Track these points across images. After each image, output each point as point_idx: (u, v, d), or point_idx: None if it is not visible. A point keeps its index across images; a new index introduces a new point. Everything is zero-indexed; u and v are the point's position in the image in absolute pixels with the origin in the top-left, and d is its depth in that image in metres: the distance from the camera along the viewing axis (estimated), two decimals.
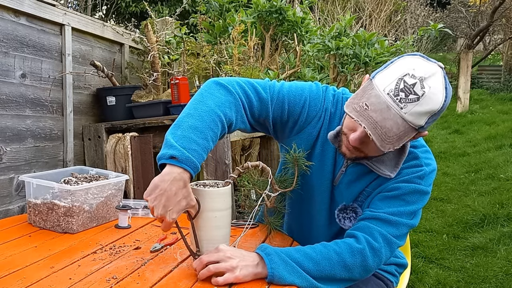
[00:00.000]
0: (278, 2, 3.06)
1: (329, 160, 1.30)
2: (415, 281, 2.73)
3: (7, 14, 1.99)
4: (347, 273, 1.13)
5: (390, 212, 1.18)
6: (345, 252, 1.13)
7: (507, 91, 10.54)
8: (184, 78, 2.37)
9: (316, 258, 1.11)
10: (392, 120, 1.05)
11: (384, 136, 1.06)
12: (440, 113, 1.09)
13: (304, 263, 1.10)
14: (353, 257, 1.13)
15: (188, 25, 3.21)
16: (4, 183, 2.00)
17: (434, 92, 1.05)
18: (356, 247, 1.14)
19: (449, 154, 6.20)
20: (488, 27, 10.42)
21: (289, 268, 1.07)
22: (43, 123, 2.22)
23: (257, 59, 3.10)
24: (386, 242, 1.16)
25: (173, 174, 1.02)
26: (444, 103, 1.06)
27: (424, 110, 1.05)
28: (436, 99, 1.05)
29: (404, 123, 1.06)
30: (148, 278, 1.09)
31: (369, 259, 1.14)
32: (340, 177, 1.30)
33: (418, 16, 11.80)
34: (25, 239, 1.39)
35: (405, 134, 1.08)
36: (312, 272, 1.09)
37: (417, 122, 1.06)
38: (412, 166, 1.23)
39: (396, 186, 1.21)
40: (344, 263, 1.12)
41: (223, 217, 1.15)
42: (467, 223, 3.71)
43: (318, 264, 1.10)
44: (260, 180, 1.26)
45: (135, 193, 2.34)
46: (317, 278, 1.10)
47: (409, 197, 1.20)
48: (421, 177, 1.21)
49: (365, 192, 1.28)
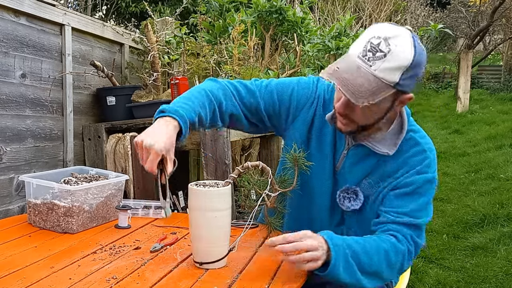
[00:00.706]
0: (278, 2, 3.06)
1: (327, 146, 1.34)
2: (415, 281, 2.73)
3: (7, 14, 1.99)
4: (389, 272, 1.21)
5: (412, 210, 1.24)
6: (391, 250, 1.20)
7: (507, 91, 10.53)
8: (184, 78, 2.37)
9: (370, 251, 1.18)
10: (363, 78, 1.11)
11: (356, 92, 1.11)
12: (415, 70, 1.13)
13: (360, 255, 1.16)
14: (396, 256, 1.20)
15: (188, 25, 3.20)
16: (4, 183, 2.00)
17: (400, 50, 1.10)
18: (400, 248, 1.21)
19: (449, 154, 6.19)
20: (488, 27, 10.42)
21: (347, 266, 1.14)
22: (43, 123, 2.22)
23: (257, 59, 3.10)
24: (417, 246, 1.25)
25: (161, 121, 1.17)
26: (414, 58, 1.11)
27: (393, 66, 1.10)
28: (403, 56, 1.10)
29: (376, 79, 1.11)
30: (148, 278, 1.09)
31: (405, 261, 1.22)
32: (343, 161, 1.33)
33: (418, 16, 11.81)
34: (25, 239, 1.39)
35: (380, 90, 1.12)
36: (364, 266, 1.16)
37: (389, 78, 1.11)
38: (417, 154, 1.28)
39: (409, 182, 1.26)
40: (389, 261, 1.19)
41: (223, 217, 1.16)
42: (467, 223, 3.71)
43: (371, 258, 1.17)
44: (260, 180, 1.26)
45: (135, 193, 2.34)
46: (366, 272, 1.16)
47: (422, 188, 1.26)
48: (429, 165, 1.27)
49: (370, 179, 1.30)
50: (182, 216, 1.72)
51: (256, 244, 1.36)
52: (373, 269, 1.17)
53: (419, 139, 1.30)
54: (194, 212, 1.15)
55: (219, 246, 1.16)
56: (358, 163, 1.31)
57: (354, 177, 1.32)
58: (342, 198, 1.32)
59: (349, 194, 1.32)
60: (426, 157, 1.28)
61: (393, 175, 1.28)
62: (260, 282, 1.08)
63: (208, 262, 1.15)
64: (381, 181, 1.29)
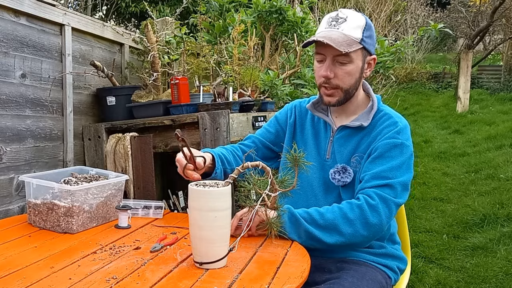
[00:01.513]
0: (278, 2, 3.06)
1: (310, 140, 1.57)
2: (415, 281, 2.73)
3: (7, 14, 1.99)
4: (349, 226, 1.33)
5: (379, 171, 1.38)
6: (346, 207, 1.35)
7: (507, 91, 10.53)
8: (184, 78, 2.37)
9: (321, 210, 1.36)
10: (336, 35, 1.39)
11: (336, 42, 1.36)
12: (370, 29, 1.43)
13: (312, 213, 1.34)
14: (352, 211, 1.33)
15: (188, 25, 3.20)
16: (4, 183, 2.00)
17: (354, 14, 1.44)
18: (355, 203, 1.35)
19: (449, 154, 6.20)
20: (488, 27, 10.42)
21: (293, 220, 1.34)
22: (43, 123, 2.22)
23: (257, 59, 3.10)
24: (382, 200, 1.35)
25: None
26: (367, 20, 1.43)
27: (354, 25, 1.41)
28: (358, 18, 1.43)
29: (346, 36, 1.39)
30: (148, 278, 1.09)
31: (368, 214, 1.33)
32: (331, 148, 1.51)
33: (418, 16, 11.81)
34: (25, 239, 1.39)
35: (352, 43, 1.39)
36: (318, 221, 1.33)
37: (354, 34, 1.40)
38: (389, 125, 1.45)
39: (377, 146, 1.42)
40: (345, 216, 1.33)
41: (223, 217, 1.15)
42: (467, 223, 3.71)
43: (323, 214, 1.34)
44: (260, 180, 1.27)
45: (135, 193, 2.34)
46: (319, 225, 1.33)
47: (390, 152, 1.40)
48: (398, 132, 1.43)
49: (356, 156, 1.47)
50: (182, 216, 1.72)
51: (256, 244, 1.36)
52: (326, 223, 1.33)
53: (391, 114, 1.48)
54: (194, 212, 1.15)
55: (219, 246, 1.16)
56: (344, 144, 1.49)
57: (342, 157, 1.49)
58: (333, 173, 1.48)
59: (339, 169, 1.47)
60: (396, 126, 1.44)
61: (370, 145, 1.44)
62: (260, 282, 1.08)
63: (208, 262, 1.15)
64: (364, 154, 1.45)
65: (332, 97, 1.47)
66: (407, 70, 11.77)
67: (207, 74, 2.73)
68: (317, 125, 1.58)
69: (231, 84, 2.54)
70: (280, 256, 1.27)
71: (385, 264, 1.45)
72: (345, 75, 1.43)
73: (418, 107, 9.72)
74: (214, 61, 2.69)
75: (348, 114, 1.53)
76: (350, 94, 1.47)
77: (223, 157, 1.51)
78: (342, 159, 1.48)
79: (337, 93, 1.46)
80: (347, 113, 1.53)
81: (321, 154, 1.54)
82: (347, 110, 1.53)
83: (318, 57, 1.45)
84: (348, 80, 1.44)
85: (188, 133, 2.31)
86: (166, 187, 2.69)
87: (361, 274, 1.33)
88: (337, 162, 1.49)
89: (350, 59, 1.40)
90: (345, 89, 1.45)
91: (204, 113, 2.24)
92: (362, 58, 1.44)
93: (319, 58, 1.44)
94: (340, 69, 1.42)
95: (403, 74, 11.37)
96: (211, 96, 2.51)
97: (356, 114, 1.52)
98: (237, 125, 2.30)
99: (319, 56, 1.44)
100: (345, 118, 1.53)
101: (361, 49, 1.42)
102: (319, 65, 1.46)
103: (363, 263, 1.42)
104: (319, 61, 1.45)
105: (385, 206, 1.34)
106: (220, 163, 1.48)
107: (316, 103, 1.57)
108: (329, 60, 1.42)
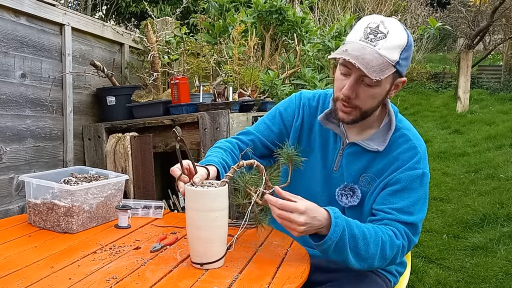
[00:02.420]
0: (278, 2, 3.06)
1: (317, 148, 1.44)
2: (415, 281, 2.72)
3: (7, 14, 1.99)
4: (380, 262, 1.24)
5: (403, 206, 1.28)
6: (388, 242, 1.23)
7: (507, 91, 10.53)
8: (184, 78, 2.37)
9: (369, 239, 1.21)
10: (371, 55, 1.20)
11: (369, 66, 1.19)
12: (409, 50, 1.25)
13: (359, 240, 1.20)
14: (391, 249, 1.24)
15: (188, 25, 3.20)
16: (4, 183, 2.00)
17: (397, 30, 1.23)
18: (395, 242, 1.24)
19: (449, 154, 6.19)
20: (488, 27, 10.41)
21: (339, 246, 1.18)
22: (43, 123, 2.22)
23: (257, 59, 3.10)
24: (408, 241, 1.28)
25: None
26: (409, 39, 1.24)
27: (394, 45, 1.22)
28: (400, 35, 1.23)
29: (381, 57, 1.21)
30: (148, 278, 1.09)
31: (398, 255, 1.26)
32: (340, 161, 1.39)
33: (418, 16, 11.82)
34: (25, 239, 1.39)
35: (385, 67, 1.21)
36: (360, 251, 1.20)
37: (391, 56, 1.22)
38: (407, 151, 1.33)
39: (399, 178, 1.30)
40: (383, 252, 1.23)
41: (222, 216, 1.16)
42: (467, 223, 3.71)
43: (368, 245, 1.21)
44: (252, 178, 1.26)
45: (135, 193, 2.34)
46: (359, 255, 1.21)
47: (412, 185, 1.30)
48: (419, 161, 1.31)
49: (366, 176, 1.36)
50: (182, 216, 1.72)
51: (256, 244, 1.36)
52: (367, 256, 1.22)
53: (409, 136, 1.36)
54: (192, 213, 1.15)
55: (218, 246, 1.16)
56: (354, 161, 1.37)
57: (351, 175, 1.37)
58: (340, 195, 1.38)
59: (346, 191, 1.37)
60: (416, 153, 1.32)
61: (386, 170, 1.33)
62: (260, 282, 1.08)
63: (209, 262, 1.15)
64: (376, 177, 1.34)
65: (348, 115, 1.31)
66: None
67: (207, 74, 2.73)
68: (326, 133, 1.43)
69: (231, 84, 2.54)
70: (280, 256, 1.27)
71: (384, 268, 1.45)
72: (368, 98, 1.27)
73: (418, 107, 9.72)
74: (214, 61, 2.69)
75: (362, 127, 1.38)
76: (367, 115, 1.33)
77: (226, 165, 1.40)
78: (350, 176, 1.37)
79: (355, 112, 1.30)
80: (361, 127, 1.38)
81: (328, 165, 1.42)
82: (361, 124, 1.37)
83: (343, 70, 1.27)
84: (371, 103, 1.29)
85: (188, 133, 2.31)
86: (166, 187, 2.69)
87: (362, 276, 1.33)
88: (345, 178, 1.38)
89: (378, 82, 1.23)
90: (364, 110, 1.30)
91: (204, 113, 2.24)
92: (391, 81, 1.27)
93: (344, 71, 1.27)
94: (364, 91, 1.25)
95: None
96: (211, 96, 2.51)
97: (371, 128, 1.38)
98: (237, 125, 2.30)
99: (344, 69, 1.27)
100: (358, 132, 1.39)
101: (393, 72, 1.24)
102: (342, 78, 1.28)
103: None
104: (344, 74, 1.28)
105: (408, 248, 1.29)
106: (224, 174, 1.38)
107: (328, 113, 1.41)
108: (354, 79, 1.24)
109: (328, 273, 1.37)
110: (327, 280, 1.33)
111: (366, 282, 1.33)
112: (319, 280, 1.34)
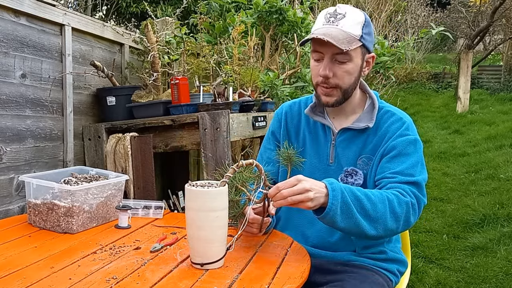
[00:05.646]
0: (278, 2, 3.06)
1: (309, 146, 1.49)
2: (415, 281, 2.72)
3: (7, 14, 1.99)
4: (394, 222, 1.25)
5: (403, 169, 1.33)
6: (395, 200, 1.26)
7: (507, 91, 10.53)
8: (184, 78, 2.37)
9: (373, 199, 1.24)
10: (336, 32, 1.32)
11: (336, 39, 1.30)
12: (369, 26, 1.37)
13: (363, 200, 1.23)
14: (400, 206, 1.26)
15: (188, 25, 3.20)
16: (4, 183, 2.00)
17: (353, 10, 1.37)
18: (403, 199, 1.28)
19: (449, 154, 6.19)
20: (488, 27, 10.42)
21: (345, 210, 1.20)
22: (43, 123, 2.22)
23: (257, 59, 3.10)
24: (417, 199, 1.31)
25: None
26: (365, 16, 1.37)
27: (354, 22, 1.34)
28: (357, 14, 1.37)
29: (345, 33, 1.33)
30: (148, 278, 1.09)
31: (410, 213, 1.28)
32: (334, 152, 1.45)
33: (419, 16, 11.80)
34: (25, 239, 1.39)
35: (352, 40, 1.33)
36: (368, 211, 1.22)
37: (354, 31, 1.34)
38: (395, 122, 1.42)
39: (394, 145, 1.38)
40: (393, 210, 1.25)
41: (223, 216, 1.16)
42: (467, 223, 3.71)
43: (374, 204, 1.24)
44: (250, 178, 1.26)
45: (135, 193, 2.34)
46: (369, 216, 1.22)
47: (407, 149, 1.37)
48: (407, 129, 1.41)
49: (363, 157, 1.42)
50: (182, 216, 1.72)
51: (256, 244, 1.36)
52: (376, 216, 1.23)
53: (393, 111, 1.45)
54: (192, 213, 1.15)
55: (218, 246, 1.16)
56: (348, 146, 1.44)
57: (348, 161, 1.44)
58: (344, 177, 1.42)
59: (349, 172, 1.42)
60: (404, 122, 1.42)
61: (379, 144, 1.40)
62: (260, 282, 1.08)
63: (209, 262, 1.15)
64: (372, 155, 1.41)
65: (331, 97, 1.40)
66: (407, 70, 11.76)
67: (207, 74, 2.73)
68: (314, 129, 1.51)
69: (231, 84, 2.54)
70: (280, 256, 1.27)
71: (386, 268, 1.45)
72: (344, 74, 1.36)
73: (418, 107, 9.72)
74: (214, 61, 2.69)
75: (347, 114, 1.47)
76: (348, 94, 1.41)
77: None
78: (348, 162, 1.43)
79: (336, 92, 1.39)
80: (346, 114, 1.47)
81: (323, 159, 1.47)
82: (345, 111, 1.46)
83: (316, 56, 1.38)
84: (348, 80, 1.37)
85: (188, 133, 2.31)
86: (166, 187, 2.69)
87: (364, 277, 1.32)
88: (343, 165, 1.43)
89: (349, 57, 1.34)
90: (344, 88, 1.39)
91: (204, 113, 2.24)
92: (361, 56, 1.38)
93: (317, 56, 1.38)
94: (339, 68, 1.35)
95: (403, 74, 11.36)
96: (211, 96, 2.51)
97: (355, 113, 1.47)
98: (237, 125, 2.30)
99: (316, 54, 1.37)
100: (344, 119, 1.47)
101: (361, 46, 1.36)
102: (317, 63, 1.39)
103: (365, 266, 1.41)
104: (317, 59, 1.38)
105: (418, 206, 1.31)
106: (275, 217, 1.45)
107: (314, 107, 1.50)
108: (328, 59, 1.35)
109: (329, 274, 1.37)
110: (329, 282, 1.32)
111: (368, 282, 1.32)
112: (320, 281, 1.34)
